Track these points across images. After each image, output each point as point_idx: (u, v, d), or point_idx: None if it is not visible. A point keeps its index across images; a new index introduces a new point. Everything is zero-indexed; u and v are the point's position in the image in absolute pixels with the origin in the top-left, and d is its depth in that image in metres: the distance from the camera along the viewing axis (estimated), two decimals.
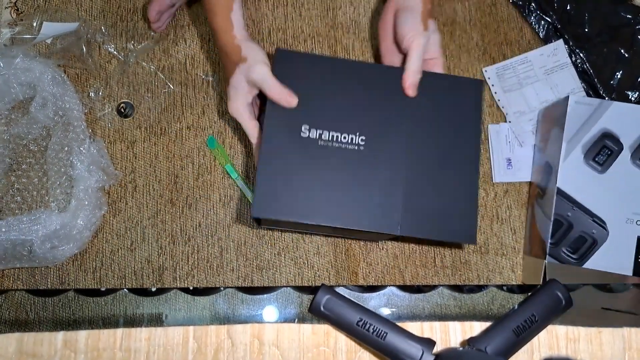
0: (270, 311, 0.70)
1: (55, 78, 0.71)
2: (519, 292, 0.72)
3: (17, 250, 0.65)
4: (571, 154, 0.67)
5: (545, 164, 0.71)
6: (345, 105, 0.62)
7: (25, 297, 0.69)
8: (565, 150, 0.67)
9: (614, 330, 0.42)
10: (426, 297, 0.71)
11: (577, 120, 0.67)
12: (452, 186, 0.61)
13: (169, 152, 0.73)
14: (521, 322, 0.45)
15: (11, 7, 0.78)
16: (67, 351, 0.40)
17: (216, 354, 0.40)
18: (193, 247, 0.71)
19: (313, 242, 0.72)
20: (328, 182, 0.60)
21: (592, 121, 0.67)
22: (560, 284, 0.48)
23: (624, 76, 0.74)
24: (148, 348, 0.40)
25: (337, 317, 0.43)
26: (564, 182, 0.66)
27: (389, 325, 0.43)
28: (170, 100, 0.75)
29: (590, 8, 0.77)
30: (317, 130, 0.61)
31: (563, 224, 0.66)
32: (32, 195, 0.71)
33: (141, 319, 0.69)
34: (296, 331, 0.41)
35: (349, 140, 0.61)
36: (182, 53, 0.77)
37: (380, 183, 0.60)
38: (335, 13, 0.79)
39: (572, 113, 0.67)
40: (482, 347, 0.42)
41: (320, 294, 0.44)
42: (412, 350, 0.42)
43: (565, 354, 0.43)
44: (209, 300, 0.70)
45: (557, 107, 0.71)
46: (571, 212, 0.66)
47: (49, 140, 0.71)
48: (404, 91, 0.62)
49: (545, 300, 0.48)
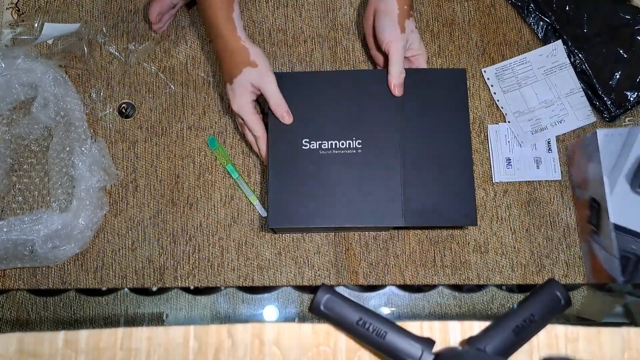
0: (271, 310, 0.71)
1: (57, 79, 0.71)
2: (518, 292, 0.72)
3: (19, 250, 0.65)
4: (616, 186, 0.64)
5: (590, 199, 0.68)
6: (340, 114, 0.66)
7: (26, 296, 0.70)
8: (609, 184, 0.64)
9: (614, 330, 0.43)
10: (426, 296, 0.71)
11: (611, 152, 0.65)
12: (448, 173, 0.64)
13: (170, 152, 0.74)
14: (520, 322, 0.45)
15: (12, 7, 0.78)
16: (68, 351, 0.40)
17: (217, 353, 0.40)
18: (194, 246, 0.71)
19: (313, 242, 0.72)
20: (333, 186, 0.64)
21: (627, 149, 0.65)
22: (559, 283, 0.48)
23: (623, 76, 0.74)
24: (149, 347, 0.40)
25: (337, 317, 0.43)
26: (617, 217, 0.63)
27: (389, 324, 0.43)
28: (171, 101, 0.75)
29: (589, 8, 0.77)
30: (316, 141, 0.65)
31: (631, 259, 0.63)
32: (34, 195, 0.72)
33: (142, 319, 0.69)
34: (296, 330, 0.41)
35: (346, 146, 0.65)
36: (183, 54, 0.77)
37: (380, 180, 0.64)
38: (335, 14, 0.80)
39: (605, 147, 0.65)
40: (482, 347, 0.42)
41: (320, 294, 0.44)
42: (411, 350, 0.42)
43: (565, 354, 0.43)
44: (210, 299, 0.70)
45: (585, 143, 0.69)
46: (635, 245, 0.63)
47: (51, 140, 0.71)
48: (391, 92, 0.66)
49: (544, 299, 0.48)
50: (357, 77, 0.68)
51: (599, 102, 0.75)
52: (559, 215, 0.73)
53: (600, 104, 0.75)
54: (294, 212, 0.64)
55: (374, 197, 0.64)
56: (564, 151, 0.75)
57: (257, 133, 0.65)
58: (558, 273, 0.72)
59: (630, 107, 0.75)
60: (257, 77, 0.63)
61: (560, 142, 0.76)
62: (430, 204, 0.64)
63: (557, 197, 0.74)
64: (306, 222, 0.64)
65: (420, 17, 0.80)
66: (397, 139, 0.65)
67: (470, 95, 0.77)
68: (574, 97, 0.76)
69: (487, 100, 0.77)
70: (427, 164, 0.65)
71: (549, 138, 0.75)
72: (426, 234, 0.72)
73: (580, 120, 0.76)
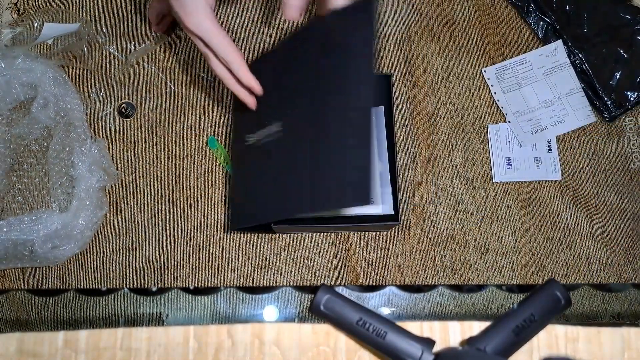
0: (271, 311, 0.71)
1: (57, 79, 0.71)
2: (518, 292, 0.72)
3: (19, 250, 0.65)
4: None
5: None
6: (268, 98, 0.56)
7: (26, 296, 0.70)
8: None
9: (614, 330, 0.43)
10: (426, 296, 0.71)
11: None
12: (348, 150, 0.49)
13: (170, 152, 0.74)
14: (521, 322, 0.45)
15: (12, 7, 0.78)
16: (68, 351, 0.40)
17: (217, 353, 0.40)
18: (194, 246, 0.71)
19: (313, 242, 0.72)
20: (270, 178, 0.56)
21: None
22: (560, 283, 0.48)
23: (623, 76, 0.74)
24: (149, 347, 0.40)
25: (337, 317, 0.43)
26: None
27: (389, 324, 0.43)
28: (171, 101, 0.75)
29: (589, 8, 0.77)
30: (253, 134, 0.59)
31: None
32: (34, 195, 0.71)
33: (142, 319, 0.69)
34: (296, 331, 0.41)
35: (270, 132, 0.57)
36: (182, 53, 0.77)
37: (298, 164, 0.53)
38: None
39: None
40: (482, 347, 0.42)
41: (320, 294, 0.44)
42: (411, 350, 0.42)
43: (565, 354, 0.43)
44: (210, 299, 0.70)
45: None
46: None
47: (50, 140, 0.71)
48: (285, 14, 0.48)
49: (544, 299, 0.48)
50: (292, 43, 0.56)
51: (599, 102, 0.75)
52: (559, 215, 0.73)
53: (600, 104, 0.75)
54: (248, 212, 0.59)
55: (299, 183, 0.52)
56: (564, 151, 0.75)
57: (229, 57, 0.49)
58: (558, 273, 0.72)
59: (630, 107, 0.75)
60: None
61: (560, 142, 0.76)
62: (331, 188, 0.49)
63: (557, 197, 0.74)
64: (258, 220, 0.57)
65: (420, 17, 0.80)
66: (308, 114, 0.52)
67: (470, 95, 0.77)
68: (574, 97, 0.76)
69: (487, 100, 0.77)
70: (330, 140, 0.50)
71: (549, 138, 0.75)
72: (426, 234, 0.72)
73: (581, 120, 0.76)
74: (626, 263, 0.72)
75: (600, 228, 0.73)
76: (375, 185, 0.64)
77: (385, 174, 0.68)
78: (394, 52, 0.78)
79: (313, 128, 0.51)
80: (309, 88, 0.52)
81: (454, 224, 0.73)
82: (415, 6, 0.80)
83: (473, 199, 0.74)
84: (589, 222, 0.73)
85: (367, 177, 0.46)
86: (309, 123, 0.51)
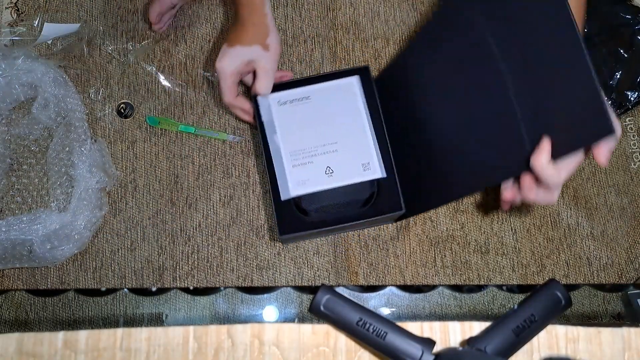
0: (270, 311, 0.70)
1: (57, 79, 0.71)
2: (519, 292, 0.72)
3: (17, 250, 0.65)
4: None
5: None
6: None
7: (25, 297, 0.69)
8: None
9: (614, 330, 0.42)
10: (426, 296, 0.71)
11: None
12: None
13: (169, 152, 0.74)
14: (521, 322, 0.45)
15: (12, 7, 0.78)
16: (67, 351, 0.40)
17: (216, 353, 0.40)
18: (193, 247, 0.71)
19: (313, 242, 0.72)
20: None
21: None
22: (560, 283, 0.48)
23: (623, 76, 0.74)
24: (148, 348, 0.40)
25: (337, 317, 0.43)
26: None
27: (389, 325, 0.43)
28: (170, 101, 0.75)
29: (589, 8, 0.77)
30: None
31: None
32: (33, 195, 0.71)
33: (141, 319, 0.69)
34: (296, 331, 0.41)
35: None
36: (182, 53, 0.77)
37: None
38: (335, 14, 0.79)
39: None
40: (482, 347, 0.42)
41: (320, 294, 0.44)
42: (411, 350, 0.42)
43: (565, 354, 0.43)
44: (209, 300, 0.70)
45: None
46: None
47: (50, 140, 0.71)
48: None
49: (544, 300, 0.48)
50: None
51: None
52: (560, 215, 0.73)
53: None
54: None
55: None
56: None
57: (224, 98, 0.65)
58: (559, 273, 0.72)
59: (630, 107, 0.75)
60: (260, 59, 0.62)
61: None
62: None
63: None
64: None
65: (420, 17, 0.80)
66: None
67: None
68: None
69: None
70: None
71: None
72: (426, 234, 0.72)
73: None
74: (627, 263, 0.72)
75: (600, 228, 0.73)
76: (372, 151, 0.68)
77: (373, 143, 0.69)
78: (394, 52, 0.78)
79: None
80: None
81: (454, 224, 0.73)
82: (415, 6, 0.80)
83: (473, 198, 0.74)
84: (589, 222, 0.73)
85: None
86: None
